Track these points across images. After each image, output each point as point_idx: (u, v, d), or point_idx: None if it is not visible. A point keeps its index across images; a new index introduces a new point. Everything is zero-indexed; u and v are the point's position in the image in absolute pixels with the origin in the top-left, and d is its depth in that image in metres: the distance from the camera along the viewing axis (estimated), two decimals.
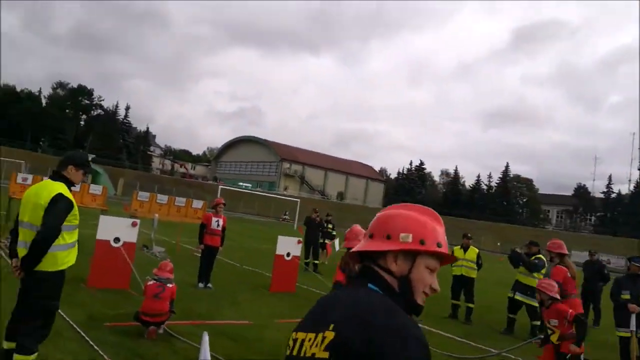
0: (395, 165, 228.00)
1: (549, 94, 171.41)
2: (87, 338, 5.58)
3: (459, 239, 10.73)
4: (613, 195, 76.05)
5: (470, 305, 10.10)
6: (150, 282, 6.12)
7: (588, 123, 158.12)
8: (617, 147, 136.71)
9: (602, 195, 77.27)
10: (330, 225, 16.60)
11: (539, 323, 9.11)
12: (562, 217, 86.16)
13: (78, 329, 5.86)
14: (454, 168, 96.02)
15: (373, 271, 1.48)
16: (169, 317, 6.17)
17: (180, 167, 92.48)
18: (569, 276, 6.27)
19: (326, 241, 16.25)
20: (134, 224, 8.53)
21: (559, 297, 5.91)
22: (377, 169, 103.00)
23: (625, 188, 77.47)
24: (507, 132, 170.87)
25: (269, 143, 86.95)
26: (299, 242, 10.67)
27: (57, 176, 4.03)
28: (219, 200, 9.85)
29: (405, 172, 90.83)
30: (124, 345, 5.60)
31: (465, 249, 10.38)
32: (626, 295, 7.72)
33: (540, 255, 9.11)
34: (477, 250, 10.22)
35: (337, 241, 16.78)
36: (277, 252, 10.27)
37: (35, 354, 3.84)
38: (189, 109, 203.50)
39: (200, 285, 9.47)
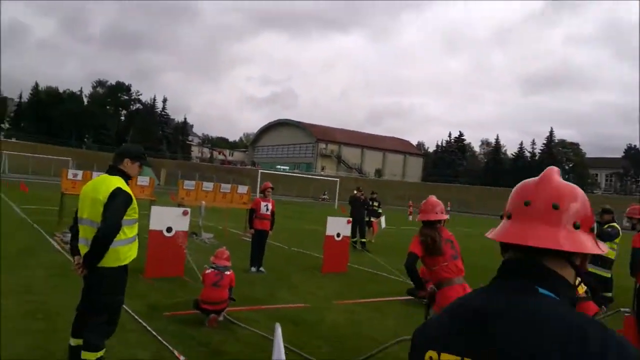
0: (433, 138, 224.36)
1: (592, 53, 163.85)
2: (149, 329, 5.56)
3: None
4: None
5: None
6: (209, 271, 6.03)
7: (635, 80, 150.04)
8: None
9: None
10: (375, 203, 16.34)
11: (610, 294, 8.62)
12: (611, 180, 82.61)
13: (140, 320, 5.85)
14: (495, 137, 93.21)
15: (545, 269, 1.08)
16: (228, 305, 6.08)
17: (219, 154, 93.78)
18: None
19: (372, 219, 15.99)
20: (184, 213, 8.51)
21: None
22: (414, 143, 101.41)
23: None
24: (549, 97, 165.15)
25: (304, 125, 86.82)
26: (348, 221, 10.45)
27: (114, 170, 3.91)
28: (267, 184, 9.71)
29: (444, 144, 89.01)
30: (185, 334, 5.55)
31: None
32: None
33: (614, 224, 8.54)
34: None
35: (383, 218, 16.54)
36: (328, 233, 10.08)
37: (103, 350, 3.78)
38: (223, 96, 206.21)
39: (253, 269, 9.41)
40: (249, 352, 5.20)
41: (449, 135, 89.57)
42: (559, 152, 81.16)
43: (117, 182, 3.78)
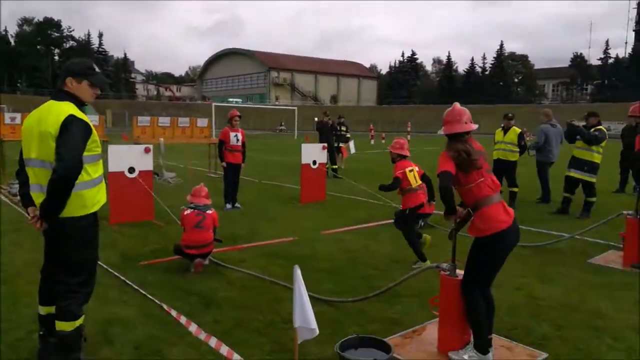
0: (385, 60, 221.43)
1: None
2: (128, 282, 4.91)
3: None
4: (610, 61, 74.16)
5: (514, 189, 9.48)
6: (188, 211, 5.34)
7: None
8: (612, 11, 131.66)
9: (599, 62, 75.40)
10: (343, 128, 15.66)
11: (593, 199, 8.54)
12: (558, 90, 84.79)
13: (116, 273, 5.18)
14: (447, 55, 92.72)
15: None
16: (214, 247, 5.47)
17: (166, 90, 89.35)
18: None
19: (341, 144, 15.41)
20: (146, 150, 7.64)
21: None
22: (367, 66, 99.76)
23: (622, 52, 75.52)
24: (498, 9, 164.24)
25: (254, 53, 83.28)
26: (324, 147, 9.82)
27: (61, 94, 3.05)
28: (233, 112, 8.83)
29: (397, 65, 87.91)
30: (170, 284, 4.95)
31: (505, 130, 9.55)
32: None
33: (601, 127, 8.29)
34: (518, 131, 9.38)
35: (352, 143, 15.97)
36: (303, 162, 9.46)
37: (82, 317, 3.11)
38: (164, 29, 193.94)
39: (228, 206, 8.77)
40: (247, 295, 4.67)
41: (402, 56, 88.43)
42: (508, 66, 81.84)
43: (68, 108, 2.93)
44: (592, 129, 8.23)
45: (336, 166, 14.53)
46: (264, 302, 4.53)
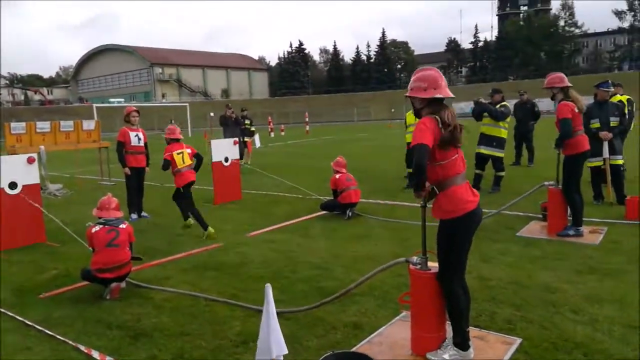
0: (273, 51, 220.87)
1: None
2: (29, 322, 4.01)
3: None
4: (480, 44, 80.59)
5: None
6: (96, 228, 4.50)
7: None
8: None
9: (471, 46, 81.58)
10: (247, 121, 14.99)
11: (502, 174, 8.90)
12: None
13: (12, 314, 4.23)
14: (333, 44, 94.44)
15: None
16: (132, 267, 4.70)
17: (35, 93, 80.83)
18: (576, 111, 5.68)
19: (246, 139, 14.74)
20: (30, 161, 6.49)
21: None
22: (256, 58, 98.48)
23: (489, 36, 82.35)
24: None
25: (134, 49, 78.22)
26: (235, 142, 9.18)
27: None
28: (130, 108, 7.86)
29: (286, 56, 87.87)
30: (85, 317, 4.13)
31: None
32: (595, 124, 7.54)
33: (506, 103, 8.60)
34: None
35: (257, 137, 15.35)
36: (214, 159, 8.76)
37: None
38: (27, 28, 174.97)
39: (134, 216, 7.83)
40: (181, 319, 4.01)
41: (290, 46, 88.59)
42: (391, 52, 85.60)
43: None
44: (498, 105, 8.53)
45: (242, 162, 13.89)
46: (204, 324, 3.92)
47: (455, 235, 3.07)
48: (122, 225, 4.61)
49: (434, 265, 3.21)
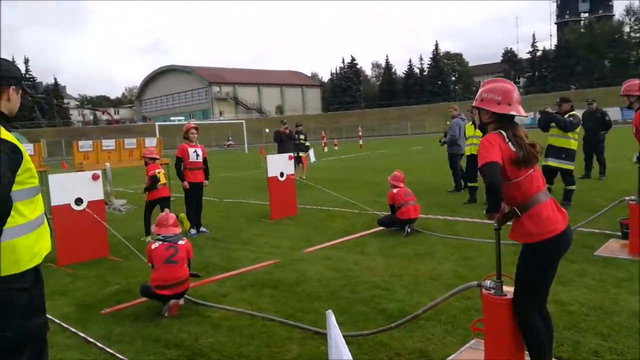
0: (326, 67, 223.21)
1: None
2: (90, 339, 4.03)
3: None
4: (538, 54, 77.80)
5: None
6: (156, 244, 4.51)
7: None
8: (535, 6, 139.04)
9: (528, 56, 78.93)
10: (302, 137, 15.01)
11: (573, 187, 8.33)
12: None
13: (72, 328, 4.27)
14: (385, 58, 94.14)
15: None
16: (190, 283, 4.67)
17: (103, 113, 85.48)
18: None
19: (300, 154, 14.74)
20: (95, 177, 6.68)
21: None
22: (308, 74, 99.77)
23: (548, 44, 79.40)
24: (431, 9, 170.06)
25: (193, 69, 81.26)
26: (290, 157, 9.13)
27: None
28: (189, 125, 7.99)
29: (338, 72, 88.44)
30: (143, 335, 4.10)
31: (476, 124, 9.19)
32: None
33: (575, 112, 8.08)
34: None
35: (312, 152, 15.32)
36: (269, 175, 8.73)
37: None
38: (95, 52, 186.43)
39: (193, 231, 7.90)
40: (238, 340, 3.90)
41: (342, 62, 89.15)
42: (445, 65, 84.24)
43: None
44: (566, 115, 8.02)
45: (298, 176, 13.90)
46: (261, 346, 3.79)
47: (541, 260, 2.78)
48: (181, 242, 4.59)
49: (509, 290, 2.92)
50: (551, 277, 2.87)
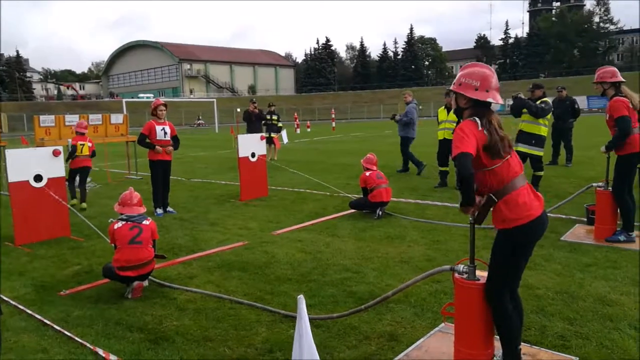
0: (300, 48, 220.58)
1: None
2: (47, 322, 3.84)
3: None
4: (511, 41, 78.79)
5: None
6: (119, 224, 4.31)
7: None
8: None
9: (501, 43, 79.87)
10: (275, 117, 14.73)
11: (541, 173, 8.44)
12: None
13: (29, 311, 4.07)
14: (360, 41, 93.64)
15: None
16: (155, 265, 4.51)
17: (68, 88, 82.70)
18: (631, 108, 5.24)
19: (272, 134, 14.53)
20: (56, 153, 6.38)
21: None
22: (282, 54, 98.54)
23: (520, 32, 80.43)
24: None
25: (162, 44, 79.12)
26: (262, 138, 8.94)
27: None
28: (157, 101, 7.69)
29: (312, 52, 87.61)
30: (104, 317, 3.94)
31: (449, 109, 9.19)
32: None
33: (547, 99, 8.13)
34: None
35: (284, 133, 15.03)
36: (241, 155, 8.53)
37: None
38: (61, 25, 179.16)
39: (159, 211, 7.68)
40: (204, 323, 3.79)
41: (317, 43, 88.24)
42: (419, 49, 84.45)
43: None
44: (538, 101, 8.07)
45: (269, 157, 13.72)
46: (229, 329, 3.68)
47: (516, 246, 2.74)
48: (146, 222, 4.41)
49: (482, 274, 2.89)
50: (524, 263, 2.85)
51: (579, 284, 4.30)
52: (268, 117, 14.53)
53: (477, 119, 2.67)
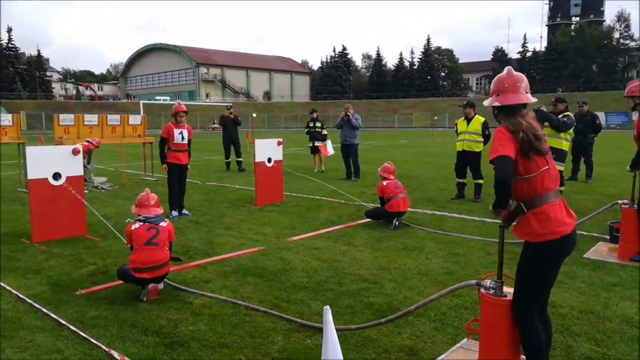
0: (316, 55, 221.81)
1: None
2: (63, 321, 3.82)
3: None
4: (528, 54, 78.27)
5: (479, 181, 9.07)
6: (136, 225, 4.29)
7: None
8: (528, 8, 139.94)
9: (518, 56, 79.36)
10: (318, 124, 14.18)
11: (562, 189, 8.29)
12: (481, 83, 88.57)
13: (46, 310, 4.05)
14: (376, 50, 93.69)
15: None
16: (170, 267, 4.47)
17: (86, 88, 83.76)
18: None
19: (316, 143, 13.98)
20: (75, 152, 6.39)
21: None
22: (298, 61, 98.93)
23: (538, 46, 79.95)
24: (424, 4, 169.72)
25: (181, 48, 79.89)
26: (279, 143, 8.91)
27: None
28: (178, 107, 7.70)
29: (328, 60, 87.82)
30: (120, 320, 3.90)
31: (468, 120, 9.08)
32: None
33: (569, 113, 8.00)
34: (482, 120, 8.92)
35: (329, 143, 14.37)
36: (257, 159, 8.51)
37: None
38: (82, 26, 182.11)
39: (174, 214, 7.66)
40: (220, 329, 3.73)
41: (333, 51, 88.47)
42: (435, 60, 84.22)
43: None
44: (560, 115, 7.94)
45: (241, 159, 14.20)
46: (245, 336, 3.62)
47: (543, 261, 2.66)
48: (163, 223, 4.38)
49: (509, 291, 2.80)
50: (553, 280, 2.77)
51: (604, 303, 4.17)
52: (311, 124, 14.09)
53: (508, 123, 2.64)
